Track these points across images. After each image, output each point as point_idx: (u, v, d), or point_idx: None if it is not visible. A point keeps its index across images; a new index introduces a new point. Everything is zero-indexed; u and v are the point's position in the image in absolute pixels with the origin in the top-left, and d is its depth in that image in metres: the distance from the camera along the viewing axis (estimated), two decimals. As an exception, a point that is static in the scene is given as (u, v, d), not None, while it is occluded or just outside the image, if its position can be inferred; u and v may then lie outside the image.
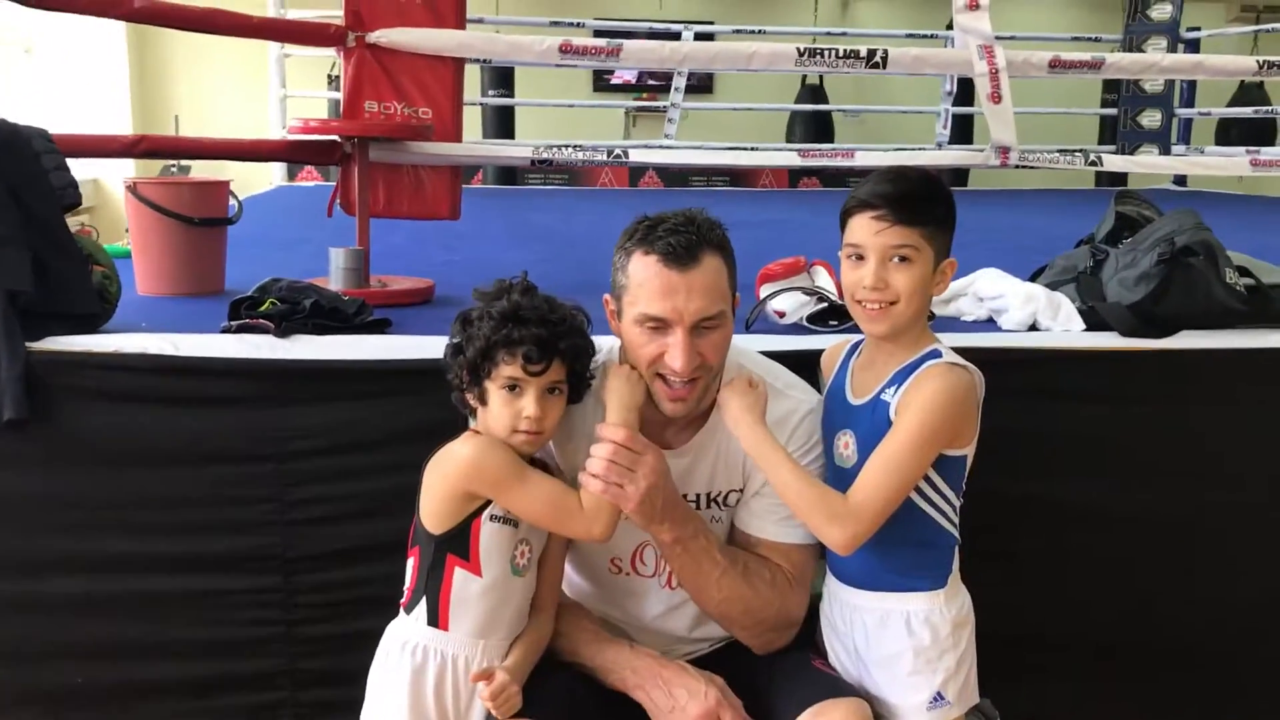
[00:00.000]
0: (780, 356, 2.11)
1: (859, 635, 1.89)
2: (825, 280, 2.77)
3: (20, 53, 10.34)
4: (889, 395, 1.81)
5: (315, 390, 2.31)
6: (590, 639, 1.94)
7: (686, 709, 1.81)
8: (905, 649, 1.83)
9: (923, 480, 1.80)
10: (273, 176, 8.55)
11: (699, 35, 7.66)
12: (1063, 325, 2.61)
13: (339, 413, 2.32)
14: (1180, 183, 8.27)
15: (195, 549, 2.32)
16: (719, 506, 1.98)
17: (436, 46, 3.17)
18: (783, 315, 2.64)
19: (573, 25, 8.01)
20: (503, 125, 9.26)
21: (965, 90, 8.63)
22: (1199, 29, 8.59)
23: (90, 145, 2.82)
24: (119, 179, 3.43)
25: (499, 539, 1.78)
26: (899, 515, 1.79)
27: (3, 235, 2.21)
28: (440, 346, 2.27)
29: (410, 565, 1.83)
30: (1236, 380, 2.61)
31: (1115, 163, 3.80)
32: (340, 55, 3.20)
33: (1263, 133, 9.26)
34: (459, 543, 1.77)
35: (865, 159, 3.41)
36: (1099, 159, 3.71)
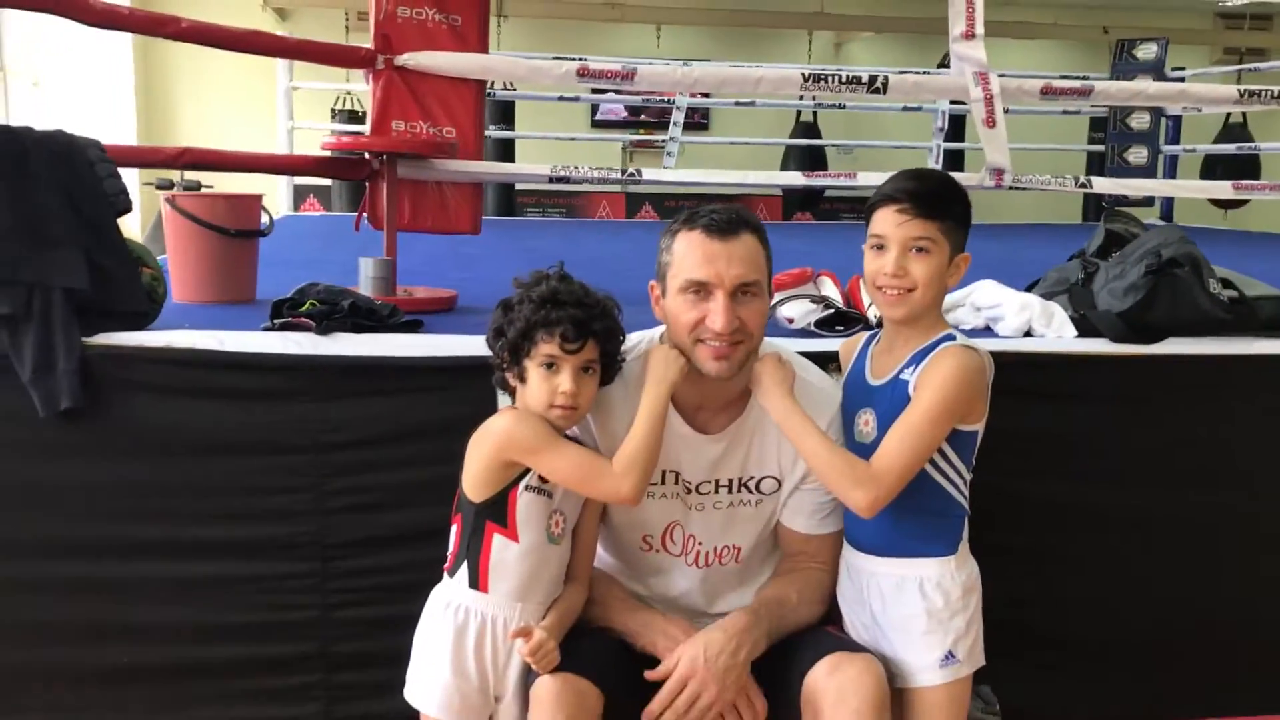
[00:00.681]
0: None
1: (875, 600, 2.03)
2: (831, 289, 2.91)
3: (28, 85, 10.49)
4: (908, 374, 1.97)
5: (353, 385, 2.44)
6: (623, 605, 2.08)
7: None
8: (919, 611, 1.98)
9: (937, 454, 1.96)
10: (279, 206, 8.70)
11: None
12: (1056, 332, 2.75)
13: (375, 406, 2.45)
14: (1167, 218, 8.46)
15: (237, 535, 2.44)
16: (749, 491, 2.12)
17: (460, 69, 3.32)
18: (791, 321, 2.79)
19: (574, 60, 8.19)
20: (504, 159, 9.43)
21: (955, 127, 8.87)
22: (1184, 69, 8.82)
23: (138, 156, 2.97)
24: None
25: (535, 508, 1.92)
26: (915, 486, 1.93)
27: (61, 237, 2.35)
28: (468, 346, 2.44)
29: (453, 532, 1.97)
30: (1220, 384, 2.74)
31: (1104, 184, 3.96)
32: (368, 78, 3.35)
33: (1246, 170, 9.47)
34: (498, 510, 1.91)
35: (867, 179, 3.56)
36: (1088, 181, 3.88)
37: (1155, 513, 2.73)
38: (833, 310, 2.77)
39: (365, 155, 3.31)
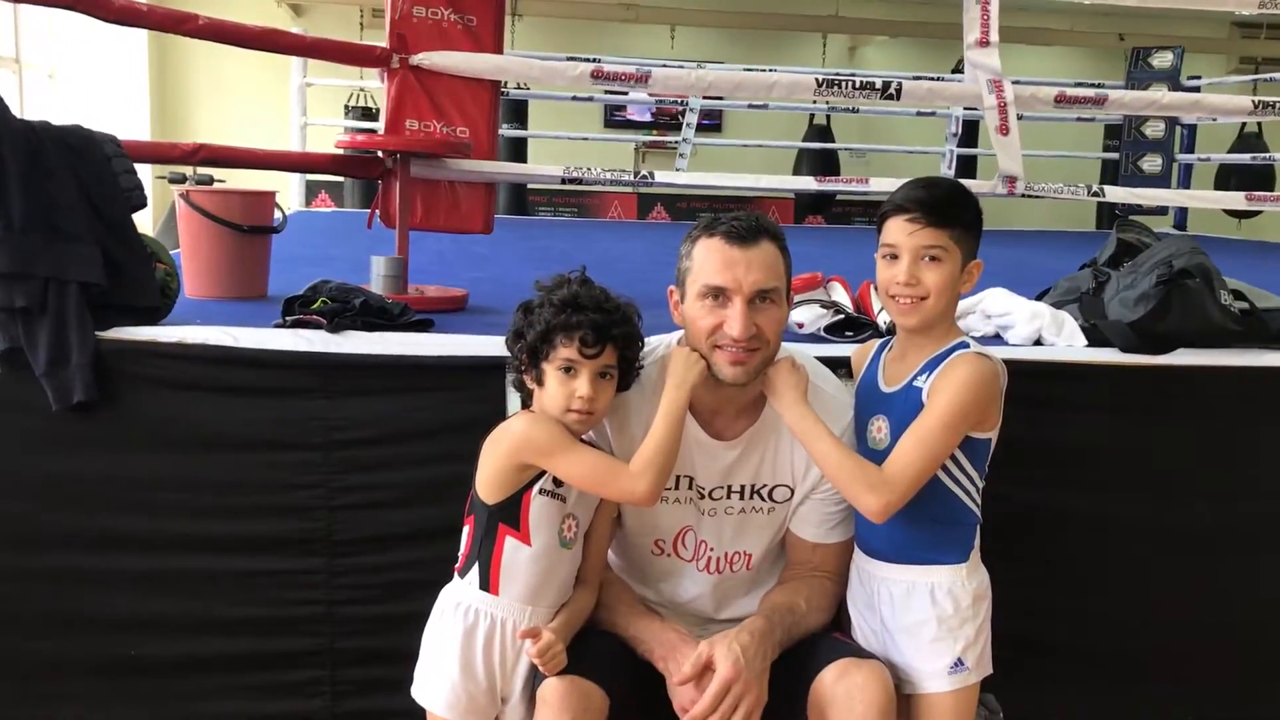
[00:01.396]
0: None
1: (885, 606, 2.04)
2: (841, 295, 2.92)
3: (44, 78, 10.53)
4: (921, 382, 1.97)
5: (363, 383, 2.45)
6: (627, 611, 2.08)
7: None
8: (929, 618, 1.98)
9: (949, 461, 1.97)
10: (291, 202, 8.73)
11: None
12: (1066, 341, 2.74)
13: (385, 405, 2.46)
14: (1180, 227, 8.44)
15: (246, 531, 2.45)
16: (760, 499, 2.13)
17: (475, 69, 3.33)
18: (801, 326, 2.79)
19: (588, 61, 8.20)
20: (517, 159, 9.44)
21: (969, 133, 8.86)
22: (1199, 78, 8.80)
23: (154, 152, 2.98)
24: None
25: (547, 511, 1.92)
26: (927, 493, 1.94)
27: (77, 232, 2.36)
28: (479, 346, 2.45)
29: (465, 533, 1.98)
30: (1231, 396, 2.74)
31: (1116, 193, 3.95)
32: (383, 77, 3.36)
33: (1261, 180, 9.44)
34: (510, 513, 1.91)
35: (879, 184, 3.56)
36: (1101, 190, 3.88)
37: (1164, 523, 2.72)
38: (843, 316, 2.77)
39: (379, 154, 3.32)
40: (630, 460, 1.92)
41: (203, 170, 3.10)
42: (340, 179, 9.81)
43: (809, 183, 4.18)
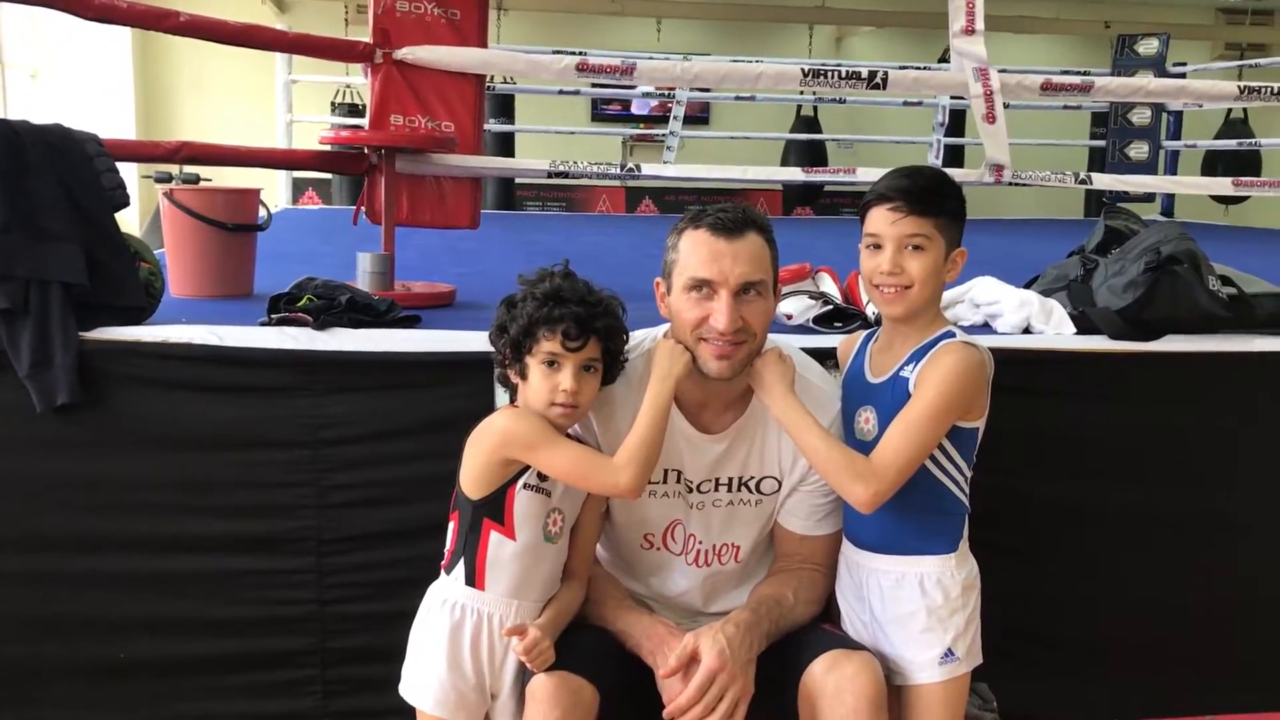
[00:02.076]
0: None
1: (875, 597, 2.03)
2: (829, 285, 2.91)
3: (27, 78, 10.47)
4: (908, 372, 1.97)
5: (350, 380, 2.44)
6: (615, 605, 2.07)
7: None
8: (919, 608, 1.98)
9: (937, 450, 1.96)
10: (278, 199, 8.70)
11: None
12: (1055, 329, 2.75)
13: (372, 402, 2.45)
14: (1168, 213, 8.46)
15: (234, 530, 2.44)
16: (748, 490, 2.12)
17: (460, 63, 3.31)
18: (790, 317, 2.78)
19: (574, 54, 8.18)
20: (504, 153, 9.41)
21: (956, 122, 8.86)
22: (1185, 64, 8.80)
23: (136, 151, 2.96)
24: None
25: (532, 506, 1.91)
26: (915, 483, 1.93)
27: (59, 232, 2.35)
28: (466, 342, 2.44)
29: (450, 528, 1.97)
30: (1219, 382, 2.74)
31: (1104, 180, 3.95)
32: (366, 72, 3.34)
33: (1247, 167, 9.46)
34: (495, 508, 1.90)
35: (866, 175, 3.56)
36: (1088, 178, 3.87)
37: (1155, 510, 2.73)
38: (831, 306, 2.77)
39: (364, 150, 3.30)
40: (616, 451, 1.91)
41: (189, 169, 3.08)
42: (328, 176, 9.78)
43: (796, 174, 4.18)
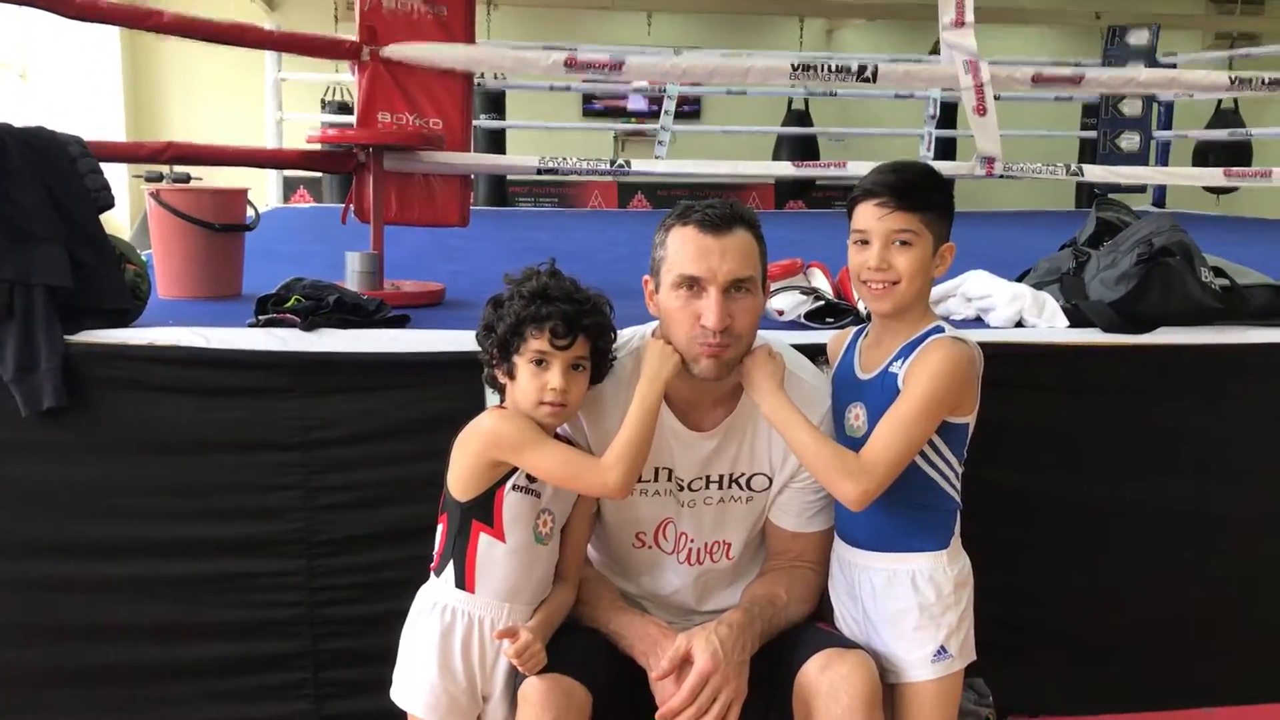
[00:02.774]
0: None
1: (867, 595, 2.02)
2: (821, 281, 2.90)
3: (15, 78, 10.43)
4: (897, 367, 1.95)
5: (338, 381, 2.42)
6: (608, 606, 2.06)
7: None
8: (911, 606, 1.97)
9: (928, 446, 1.94)
10: (268, 198, 8.67)
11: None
12: (1047, 322, 2.74)
13: (361, 403, 2.43)
14: (1159, 204, 8.46)
15: (222, 534, 2.42)
16: (739, 488, 2.11)
17: (447, 60, 3.29)
18: (781, 313, 2.77)
19: (564, 49, 8.16)
20: (494, 149, 9.40)
21: (947, 114, 8.85)
22: (1175, 55, 8.80)
23: (121, 151, 2.94)
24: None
25: (521, 507, 1.90)
26: (906, 479, 1.92)
27: (43, 234, 2.33)
28: (456, 341, 2.43)
29: (439, 530, 1.95)
30: (1212, 374, 2.73)
31: (1095, 172, 3.94)
32: (354, 69, 3.32)
33: (1238, 157, 9.43)
34: (484, 510, 1.89)
35: (857, 168, 3.54)
36: (1080, 170, 3.87)
37: (1150, 503, 2.72)
38: (823, 302, 2.76)
39: (352, 148, 3.28)
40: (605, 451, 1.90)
41: (179, 169, 3.06)
42: (319, 174, 9.76)
43: (787, 168, 4.15)
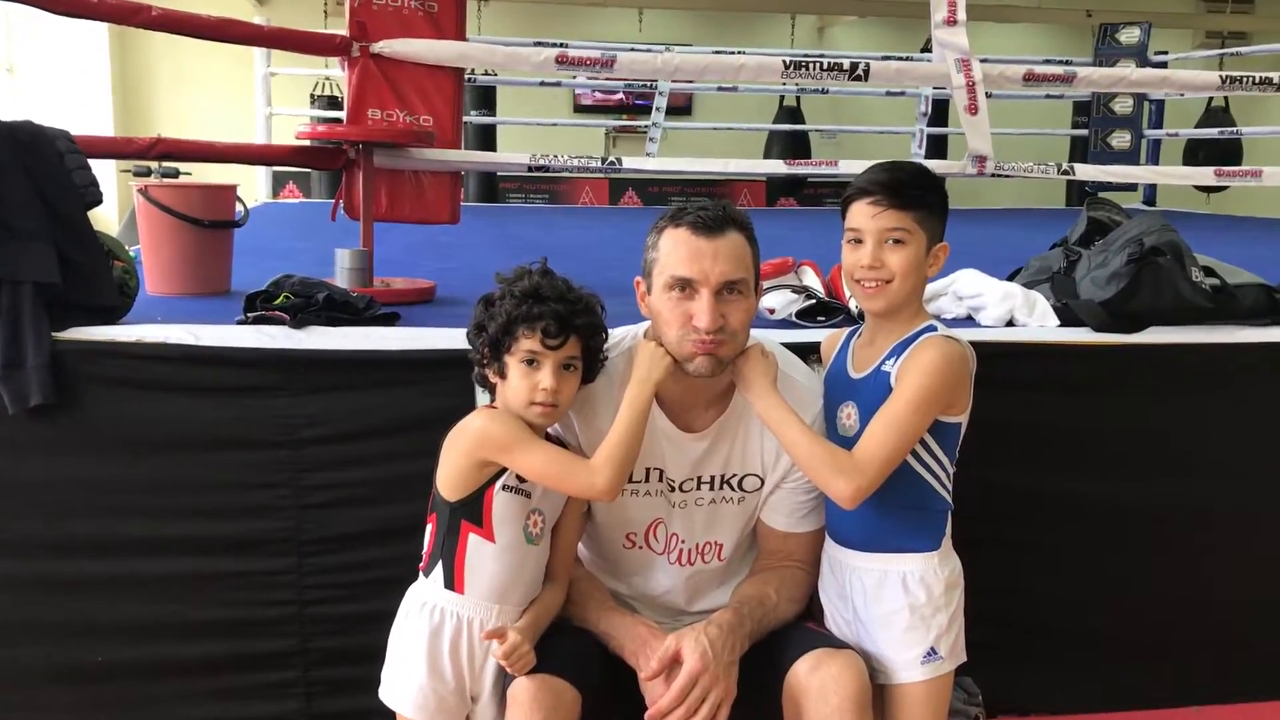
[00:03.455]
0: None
1: (858, 596, 2.01)
2: (812, 279, 2.89)
3: (2, 72, 10.39)
4: (889, 366, 1.95)
5: (328, 379, 2.41)
6: (597, 606, 2.06)
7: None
8: (902, 607, 1.96)
9: (919, 446, 1.94)
10: (258, 193, 8.64)
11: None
12: (1038, 321, 2.74)
13: (351, 401, 2.42)
14: (1150, 202, 8.47)
15: (212, 532, 2.41)
16: (731, 488, 2.11)
17: (437, 56, 3.28)
18: (773, 312, 2.76)
19: (555, 45, 8.14)
20: (485, 145, 9.38)
21: (939, 112, 8.85)
22: (1166, 53, 8.80)
23: (109, 147, 2.92)
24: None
25: (511, 507, 1.89)
26: (897, 480, 1.92)
27: (30, 231, 2.31)
28: (447, 339, 2.42)
29: (428, 531, 1.94)
30: (1203, 373, 2.73)
31: (1087, 171, 3.95)
32: (343, 65, 3.30)
33: (1229, 155, 9.47)
34: (473, 510, 1.88)
35: (849, 166, 3.54)
36: (1071, 169, 3.87)
37: (1139, 502, 2.72)
38: (814, 300, 2.75)
39: (341, 145, 3.26)
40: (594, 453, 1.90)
41: (168, 164, 3.04)
42: (307, 170, 9.73)
43: (779, 166, 4.15)
